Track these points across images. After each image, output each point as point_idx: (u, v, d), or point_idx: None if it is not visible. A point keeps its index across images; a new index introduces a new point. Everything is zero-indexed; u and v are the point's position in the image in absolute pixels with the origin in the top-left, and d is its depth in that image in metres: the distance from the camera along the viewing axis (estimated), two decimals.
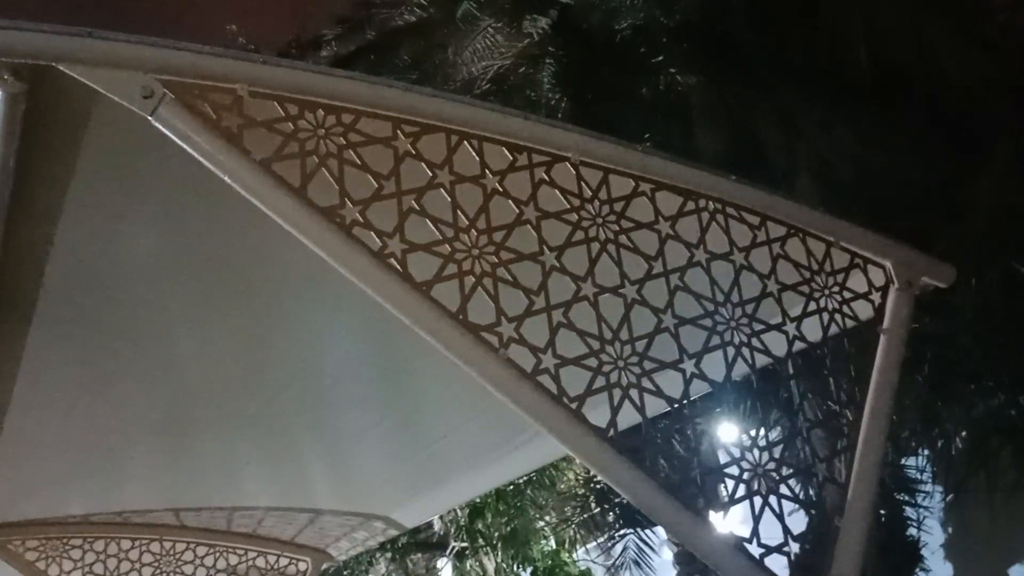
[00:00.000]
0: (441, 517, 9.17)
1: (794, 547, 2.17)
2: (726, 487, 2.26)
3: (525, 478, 7.85)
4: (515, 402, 2.03)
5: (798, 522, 2.24)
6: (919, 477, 6.13)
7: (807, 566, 2.20)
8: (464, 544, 8.97)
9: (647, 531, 8.74)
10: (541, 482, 8.54)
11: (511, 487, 8.33)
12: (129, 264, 2.79)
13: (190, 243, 2.72)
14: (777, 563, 2.15)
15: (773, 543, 2.17)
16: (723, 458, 2.27)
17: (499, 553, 8.85)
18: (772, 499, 2.22)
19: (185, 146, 1.91)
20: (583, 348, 2.13)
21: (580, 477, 8.57)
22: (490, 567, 9.04)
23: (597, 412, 2.10)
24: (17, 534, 5.42)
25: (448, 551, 9.36)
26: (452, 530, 9.11)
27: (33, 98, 1.90)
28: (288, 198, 1.95)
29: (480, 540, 8.71)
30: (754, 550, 2.11)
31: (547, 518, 8.75)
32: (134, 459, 4.80)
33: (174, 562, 5.79)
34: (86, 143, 2.14)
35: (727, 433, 2.10)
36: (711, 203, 2.39)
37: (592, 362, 2.12)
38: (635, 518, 8.38)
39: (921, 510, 6.41)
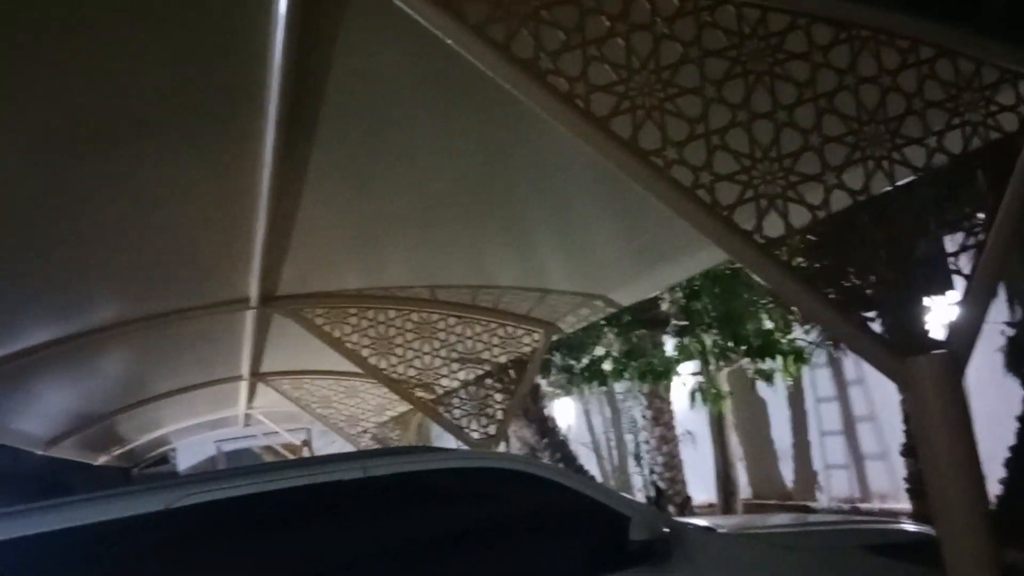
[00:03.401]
0: (663, 297, 9.88)
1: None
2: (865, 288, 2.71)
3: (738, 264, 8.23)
4: (677, 212, 2.56)
5: None
6: None
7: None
8: (684, 323, 9.67)
9: None
10: None
11: (727, 271, 8.83)
12: (387, 90, 3.44)
13: (434, 71, 3.30)
14: None
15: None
16: (862, 260, 2.70)
17: (715, 331, 9.50)
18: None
19: (413, 14, 2.48)
20: (737, 167, 2.60)
21: None
22: (707, 343, 9.75)
23: (749, 221, 2.59)
24: (308, 303, 6.52)
25: (669, 328, 10.12)
26: (673, 310, 9.81)
27: None
28: (496, 53, 2.49)
29: (697, 319, 9.37)
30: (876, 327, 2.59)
31: (763, 301, 9.20)
32: (394, 244, 5.72)
33: (430, 328, 6.87)
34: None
35: (867, 238, 2.36)
36: (863, 31, 2.68)
37: (743, 177, 2.59)
38: None
39: None
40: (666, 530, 3.88)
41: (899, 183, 2.68)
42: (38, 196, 3.66)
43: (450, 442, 8.25)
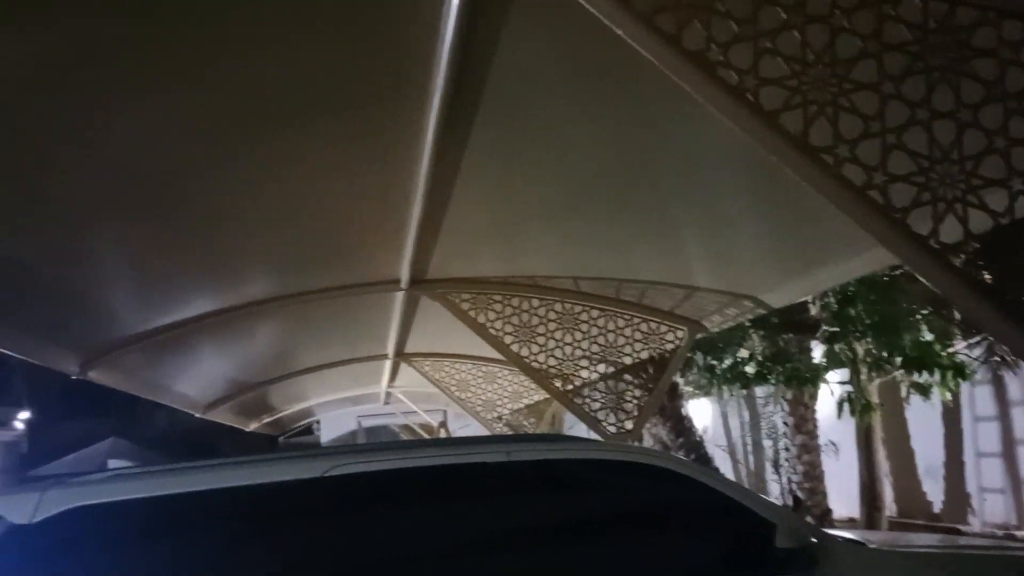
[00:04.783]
0: (814, 302, 9.53)
1: None
2: None
3: (898, 270, 7.86)
4: (845, 212, 2.46)
5: None
6: None
7: None
8: (835, 329, 9.28)
9: None
10: (913, 274, 8.31)
11: (884, 278, 8.42)
12: (542, 81, 3.45)
13: (588, 64, 3.29)
14: None
15: None
16: None
17: (868, 340, 9.07)
18: None
19: (583, 2, 2.47)
20: (913, 168, 2.47)
21: None
22: (859, 351, 9.33)
23: (924, 225, 2.46)
24: (454, 288, 6.66)
25: (819, 333, 9.74)
26: (824, 314, 9.43)
27: None
28: (664, 44, 2.46)
29: (850, 326, 8.97)
30: None
31: (923, 311, 8.72)
32: (540, 234, 5.75)
33: (572, 320, 6.88)
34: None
35: None
36: None
37: (920, 179, 2.47)
38: None
39: None
40: (813, 540, 3.76)
41: None
42: (208, 176, 3.87)
43: (582, 433, 8.25)
